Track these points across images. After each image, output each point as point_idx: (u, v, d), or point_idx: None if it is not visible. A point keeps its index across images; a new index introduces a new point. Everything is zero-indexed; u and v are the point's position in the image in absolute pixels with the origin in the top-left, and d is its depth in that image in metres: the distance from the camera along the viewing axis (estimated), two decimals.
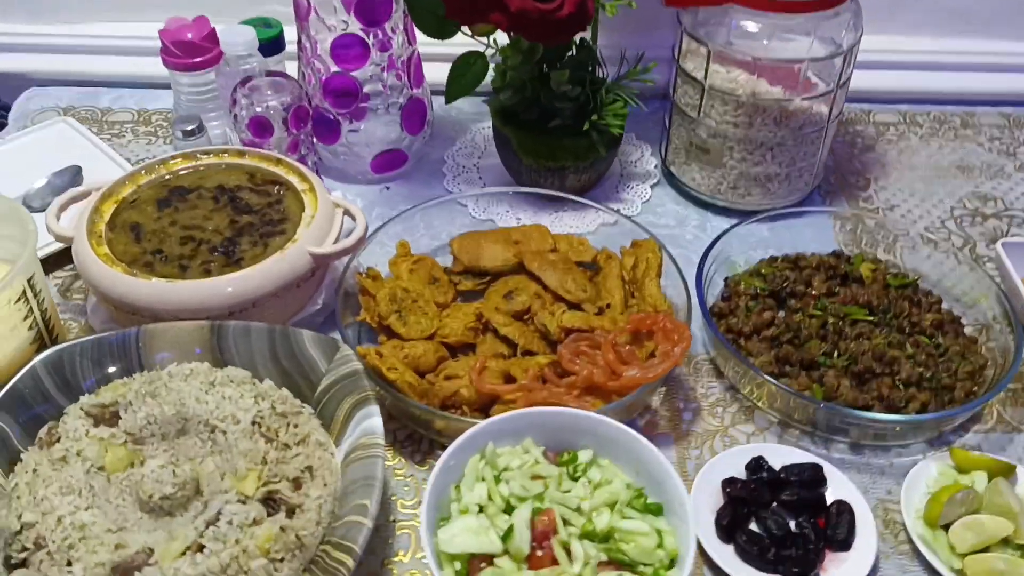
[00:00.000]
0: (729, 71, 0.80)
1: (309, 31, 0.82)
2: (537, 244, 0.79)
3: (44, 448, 0.58)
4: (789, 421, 0.68)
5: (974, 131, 0.99)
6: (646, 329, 0.68)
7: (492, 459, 0.57)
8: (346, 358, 0.62)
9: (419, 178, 0.91)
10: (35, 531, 0.53)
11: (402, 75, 0.85)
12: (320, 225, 0.71)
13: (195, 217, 0.72)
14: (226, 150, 0.78)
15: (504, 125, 0.84)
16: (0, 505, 0.55)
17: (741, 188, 0.85)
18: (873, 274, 0.77)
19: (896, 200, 0.90)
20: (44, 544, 0.53)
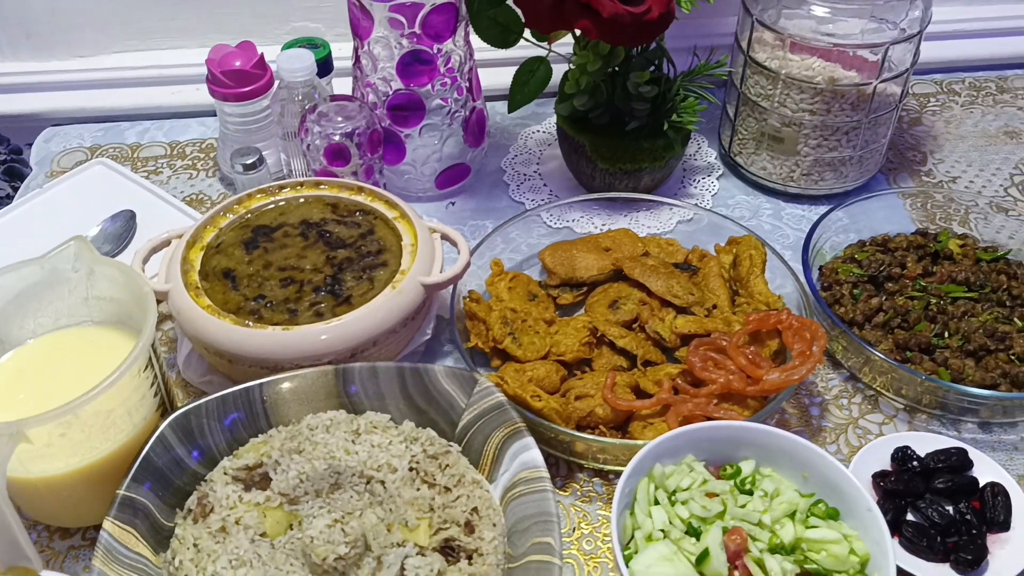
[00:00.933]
0: (804, 59, 0.80)
1: (370, 49, 0.78)
2: (629, 249, 0.78)
3: (199, 520, 0.54)
4: (916, 407, 0.68)
5: (1011, 95, 1.00)
6: (769, 328, 0.68)
7: (662, 481, 0.56)
8: (487, 391, 0.60)
9: (482, 190, 0.89)
10: None
11: (463, 88, 0.83)
12: (424, 254, 0.68)
13: (288, 257, 0.69)
14: (302, 182, 0.75)
15: (577, 132, 0.83)
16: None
17: (815, 174, 0.85)
18: (962, 250, 0.78)
19: (955, 172, 0.91)
20: None
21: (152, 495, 0.56)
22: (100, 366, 0.54)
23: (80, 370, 0.57)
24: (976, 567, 0.57)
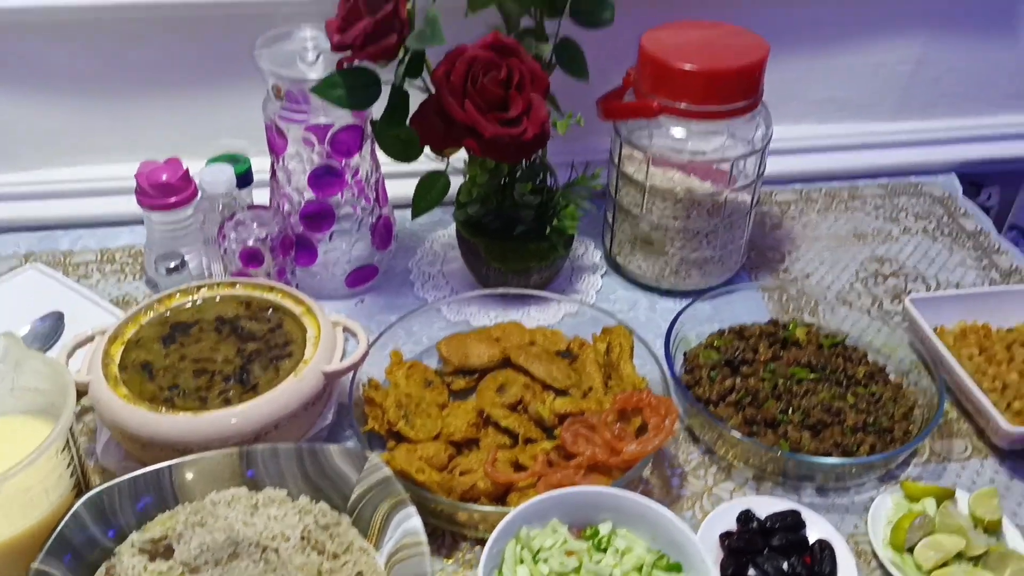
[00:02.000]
0: (665, 172, 0.92)
1: (285, 164, 0.88)
2: (517, 339, 0.87)
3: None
4: (763, 474, 0.78)
5: (861, 202, 1.14)
6: (632, 406, 0.77)
7: (527, 542, 0.64)
8: (376, 467, 0.68)
9: (389, 288, 0.98)
10: None
11: (370, 197, 0.93)
12: (326, 345, 0.76)
13: (202, 350, 0.77)
14: (218, 283, 0.83)
15: (472, 236, 0.93)
16: None
17: (682, 272, 0.96)
18: (807, 337, 0.89)
19: (809, 269, 1.03)
20: None
21: (65, 569, 0.61)
22: (22, 451, 0.60)
23: (2, 454, 0.63)
24: None
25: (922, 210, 1.13)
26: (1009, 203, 1.28)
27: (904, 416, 0.80)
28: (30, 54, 0.95)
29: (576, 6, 0.87)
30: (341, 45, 0.77)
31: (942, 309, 0.91)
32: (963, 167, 1.20)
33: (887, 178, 1.18)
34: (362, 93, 0.80)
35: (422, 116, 0.82)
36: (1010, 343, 0.88)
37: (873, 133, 1.17)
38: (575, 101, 0.92)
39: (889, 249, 1.07)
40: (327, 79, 0.78)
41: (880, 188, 1.17)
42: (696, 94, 0.86)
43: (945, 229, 1.10)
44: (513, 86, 0.80)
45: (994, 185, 1.26)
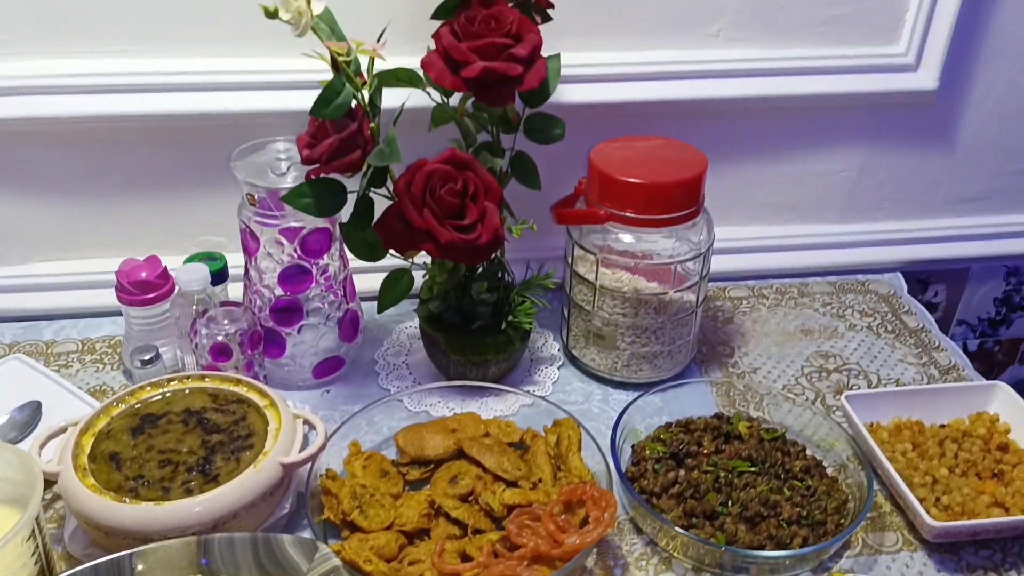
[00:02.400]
0: (614, 272, 0.98)
1: (257, 264, 0.94)
2: (472, 430, 0.91)
3: None
4: (701, 566, 0.81)
5: (809, 299, 1.20)
6: (576, 499, 0.81)
7: None
8: (325, 556, 0.71)
9: (355, 379, 1.03)
10: None
11: (339, 293, 0.98)
12: (285, 437, 0.81)
13: (169, 441, 0.81)
14: (189, 375, 0.87)
15: (433, 329, 0.98)
16: None
17: (633, 365, 1.01)
18: (749, 430, 0.93)
19: (757, 364, 1.08)
20: None
21: None
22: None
23: None
24: None
25: (868, 307, 1.19)
26: (957, 299, 1.34)
27: (837, 510, 0.84)
28: (23, 160, 1.02)
29: (529, 124, 0.95)
30: (309, 159, 0.84)
31: (878, 405, 0.95)
32: (908, 266, 1.26)
33: (835, 276, 1.25)
34: (328, 202, 0.86)
35: (385, 221, 0.88)
36: (942, 439, 0.93)
37: (821, 234, 1.24)
38: (531, 206, 0.99)
39: (834, 345, 1.12)
40: (296, 189, 0.85)
41: (829, 285, 1.23)
42: (640, 204, 0.93)
43: (888, 326, 1.16)
44: (468, 196, 0.87)
45: (940, 283, 1.32)
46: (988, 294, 1.34)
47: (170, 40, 0.99)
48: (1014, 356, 1.42)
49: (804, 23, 1.09)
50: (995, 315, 1.37)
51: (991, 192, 1.25)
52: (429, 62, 0.87)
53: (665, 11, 1.05)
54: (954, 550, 0.84)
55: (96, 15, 0.96)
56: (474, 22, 0.85)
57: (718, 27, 1.07)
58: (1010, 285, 1.34)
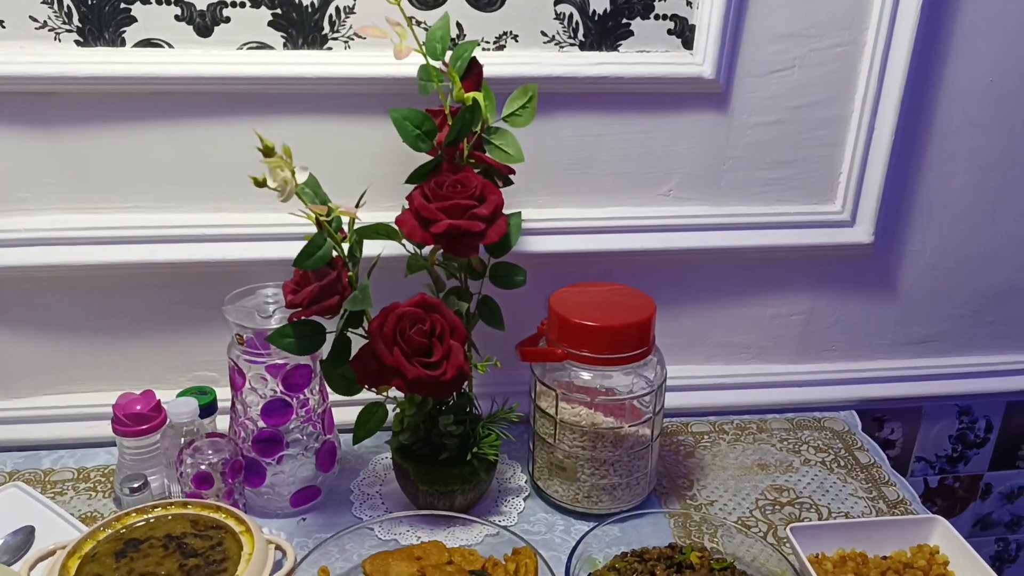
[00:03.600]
0: (573, 407, 1.06)
1: (243, 397, 1.03)
2: (436, 558, 0.96)
3: None
4: None
5: (767, 435, 1.27)
6: None
7: None
8: None
9: (331, 508, 1.09)
10: None
11: (317, 425, 1.06)
12: (257, 562, 0.86)
13: (149, 564, 0.86)
14: (172, 502, 0.94)
15: (403, 460, 1.05)
16: None
17: (593, 496, 1.07)
18: (700, 560, 0.98)
19: (715, 496, 1.14)
20: None
21: None
22: None
23: None
24: None
25: (822, 443, 1.25)
26: (913, 437, 1.41)
27: None
28: (38, 302, 1.12)
29: (494, 272, 1.05)
30: (292, 304, 0.94)
31: (823, 537, 1.01)
32: (861, 404, 1.34)
33: (793, 413, 1.32)
34: (308, 341, 0.95)
35: (360, 358, 0.97)
36: (884, 570, 0.98)
37: (777, 373, 1.32)
38: (497, 345, 1.08)
39: (789, 479, 1.18)
40: (280, 330, 0.94)
41: (786, 422, 1.30)
42: (595, 344, 1.01)
43: (841, 461, 1.22)
44: (435, 336, 0.96)
45: (896, 421, 1.39)
46: (943, 432, 1.40)
47: (175, 198, 1.11)
48: (975, 492, 1.47)
49: (747, 184, 1.21)
50: (951, 452, 1.42)
51: (937, 335, 1.34)
52: (403, 220, 0.98)
53: (621, 174, 1.18)
54: None
55: (111, 175, 1.09)
56: (443, 186, 0.97)
57: (668, 187, 1.20)
58: (963, 423, 1.40)
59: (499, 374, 1.17)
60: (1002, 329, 1.35)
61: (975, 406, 1.39)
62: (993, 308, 1.33)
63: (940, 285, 1.31)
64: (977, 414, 1.40)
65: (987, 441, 1.42)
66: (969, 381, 1.36)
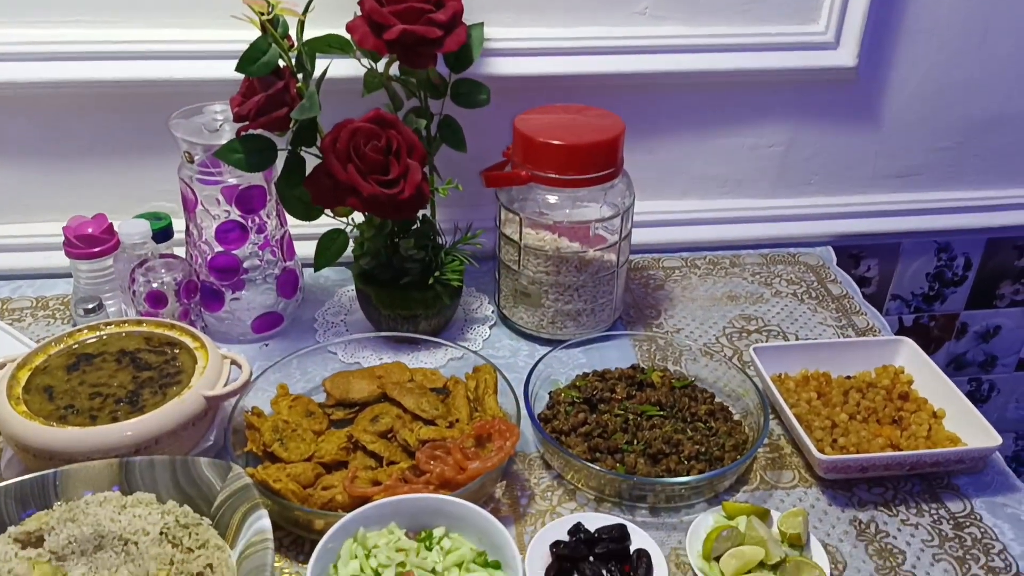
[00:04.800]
0: (538, 233, 1.03)
1: (196, 220, 1.00)
2: (397, 377, 0.96)
3: None
4: (602, 496, 0.86)
5: (740, 269, 1.25)
6: (486, 433, 0.85)
7: (363, 541, 0.72)
8: (238, 476, 0.76)
9: (294, 335, 1.08)
10: None
11: (276, 251, 1.04)
12: (211, 373, 0.86)
13: (101, 377, 0.86)
14: (126, 320, 0.93)
15: (365, 285, 1.03)
16: None
17: (558, 322, 1.06)
18: (662, 380, 0.98)
19: (681, 324, 1.13)
20: None
21: None
22: None
23: None
24: None
25: (795, 277, 1.24)
26: (890, 274, 1.39)
27: (735, 447, 0.89)
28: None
29: (456, 89, 1.00)
30: (239, 116, 0.90)
31: (787, 358, 1.00)
32: (838, 240, 1.31)
33: (767, 248, 1.29)
34: (258, 157, 0.91)
35: (314, 178, 0.94)
36: (847, 389, 0.97)
37: (753, 207, 1.29)
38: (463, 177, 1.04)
39: (758, 309, 1.17)
40: (227, 144, 0.90)
41: (760, 257, 1.28)
42: (559, 165, 0.98)
43: (813, 293, 1.20)
44: (392, 153, 0.92)
45: (872, 258, 1.37)
46: (920, 269, 1.39)
47: (122, 10, 1.05)
48: (950, 332, 1.47)
49: (727, 2, 1.14)
50: (928, 291, 1.41)
51: (919, 168, 1.30)
52: (354, 26, 0.92)
53: None
54: (847, 487, 0.88)
55: None
56: None
57: (644, 5, 1.13)
58: (941, 261, 1.38)
59: (464, 206, 1.14)
60: (986, 162, 1.31)
61: (955, 243, 1.36)
62: (978, 139, 1.28)
63: (925, 114, 1.26)
64: (956, 251, 1.38)
65: (965, 279, 1.41)
66: (950, 216, 1.33)
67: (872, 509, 0.86)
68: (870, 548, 0.82)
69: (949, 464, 0.88)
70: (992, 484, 0.89)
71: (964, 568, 0.80)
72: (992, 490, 0.89)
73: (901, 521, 0.85)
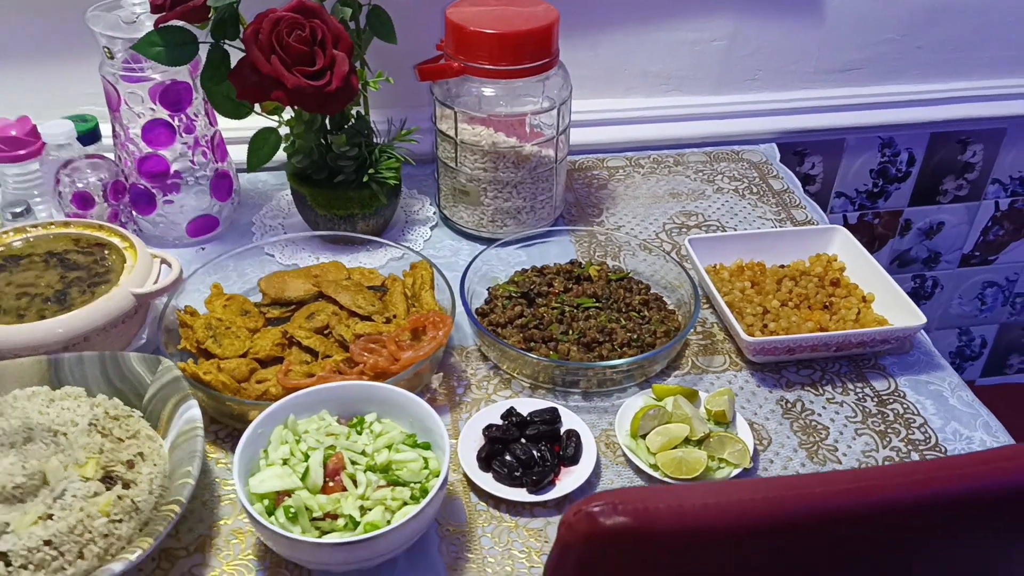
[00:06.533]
0: (474, 128, 1.02)
1: (121, 120, 0.97)
2: (334, 276, 0.96)
3: None
4: (537, 383, 0.87)
5: (683, 167, 1.25)
6: (420, 325, 0.86)
7: (293, 426, 0.72)
8: (168, 369, 0.76)
9: (231, 238, 1.07)
10: None
11: (208, 152, 1.02)
12: (140, 271, 0.85)
13: (28, 278, 0.85)
14: (53, 222, 0.91)
15: (299, 185, 1.02)
16: None
17: (498, 220, 1.06)
18: (599, 273, 0.98)
19: (623, 222, 1.13)
20: None
21: None
22: None
23: None
24: (540, 489, 0.75)
25: (738, 173, 1.24)
26: (834, 172, 1.40)
27: (666, 334, 0.90)
28: None
29: None
30: (155, 6, 0.87)
31: (722, 248, 1.01)
32: (782, 137, 1.31)
33: (711, 147, 1.29)
34: (178, 50, 0.89)
35: (238, 71, 0.91)
36: (781, 278, 0.99)
37: (696, 104, 1.28)
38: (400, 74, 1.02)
39: (699, 206, 1.17)
40: (146, 37, 0.88)
41: (704, 155, 1.28)
42: (493, 55, 0.96)
43: (754, 188, 1.21)
44: (317, 43, 0.90)
45: (817, 155, 1.37)
46: (864, 166, 1.40)
47: None
48: (894, 229, 1.49)
49: None
50: (872, 187, 1.43)
51: (861, 63, 1.30)
52: None
53: None
54: (776, 369, 0.90)
55: None
56: None
57: None
58: (885, 157, 1.39)
59: (400, 105, 1.12)
60: (929, 56, 1.30)
61: (898, 138, 1.37)
62: (922, 30, 1.28)
63: (866, 8, 1.25)
64: (900, 146, 1.38)
65: (908, 175, 1.42)
66: (893, 111, 1.33)
67: (799, 389, 0.89)
68: (795, 425, 0.84)
69: (875, 344, 0.90)
70: (917, 363, 0.92)
71: (885, 441, 0.83)
72: (917, 369, 0.91)
73: (827, 400, 0.87)
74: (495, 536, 0.73)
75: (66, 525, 0.63)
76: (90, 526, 0.64)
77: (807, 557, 0.49)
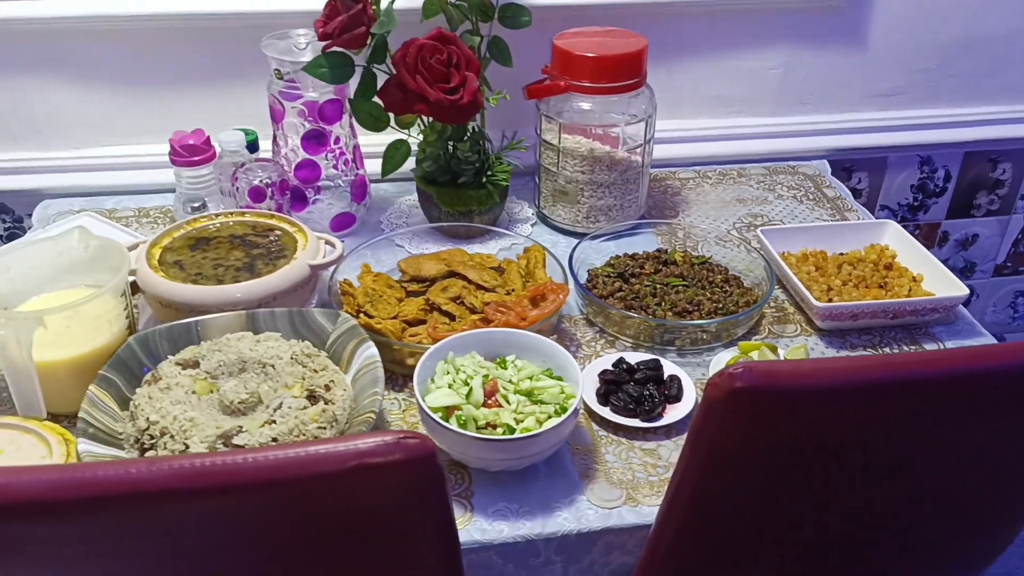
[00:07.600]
0: (574, 137, 1.20)
1: (283, 130, 1.17)
2: (460, 258, 1.13)
3: (151, 384, 0.85)
4: (638, 342, 1.03)
5: (746, 179, 1.42)
6: (540, 294, 1.03)
7: (452, 361, 0.89)
8: (346, 319, 0.94)
9: (364, 233, 1.25)
10: (159, 426, 0.80)
11: (349, 161, 1.21)
12: (311, 248, 1.03)
13: (220, 254, 1.03)
14: (232, 212, 1.10)
15: (427, 186, 1.21)
16: (130, 416, 0.82)
17: (592, 217, 1.23)
18: (683, 258, 1.15)
19: (697, 222, 1.30)
20: (167, 432, 0.80)
21: (121, 377, 0.86)
22: None
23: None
24: (652, 417, 0.91)
25: (795, 184, 1.41)
26: (878, 186, 1.56)
27: (747, 304, 1.06)
28: (83, 54, 1.24)
29: (502, 13, 1.17)
30: (324, 35, 1.06)
31: (789, 239, 1.17)
32: (832, 154, 1.48)
33: (770, 162, 1.46)
34: (340, 71, 1.08)
35: (386, 88, 1.11)
36: (841, 263, 1.15)
37: (756, 125, 1.46)
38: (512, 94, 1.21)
39: (763, 209, 1.34)
40: (314, 60, 1.07)
41: (763, 169, 1.45)
42: (592, 75, 1.15)
43: (811, 196, 1.37)
44: (452, 65, 1.09)
45: (863, 171, 1.54)
46: (905, 181, 1.56)
47: None
48: (933, 240, 1.64)
49: None
50: (912, 201, 1.59)
51: (902, 88, 1.47)
52: None
53: None
54: (842, 335, 1.06)
55: None
56: None
57: None
58: (924, 173, 1.56)
59: (508, 121, 1.30)
60: (962, 82, 1.48)
61: (935, 156, 1.54)
62: (954, 61, 1.45)
63: (905, 40, 1.43)
64: (937, 164, 1.55)
65: (945, 190, 1.58)
66: (930, 132, 1.50)
67: (862, 350, 1.04)
68: None
69: (925, 312, 1.06)
70: (962, 331, 1.07)
71: None
72: (962, 335, 1.06)
73: None
74: (616, 453, 0.89)
75: (286, 428, 0.80)
76: (304, 430, 0.81)
77: (885, 419, 0.64)
